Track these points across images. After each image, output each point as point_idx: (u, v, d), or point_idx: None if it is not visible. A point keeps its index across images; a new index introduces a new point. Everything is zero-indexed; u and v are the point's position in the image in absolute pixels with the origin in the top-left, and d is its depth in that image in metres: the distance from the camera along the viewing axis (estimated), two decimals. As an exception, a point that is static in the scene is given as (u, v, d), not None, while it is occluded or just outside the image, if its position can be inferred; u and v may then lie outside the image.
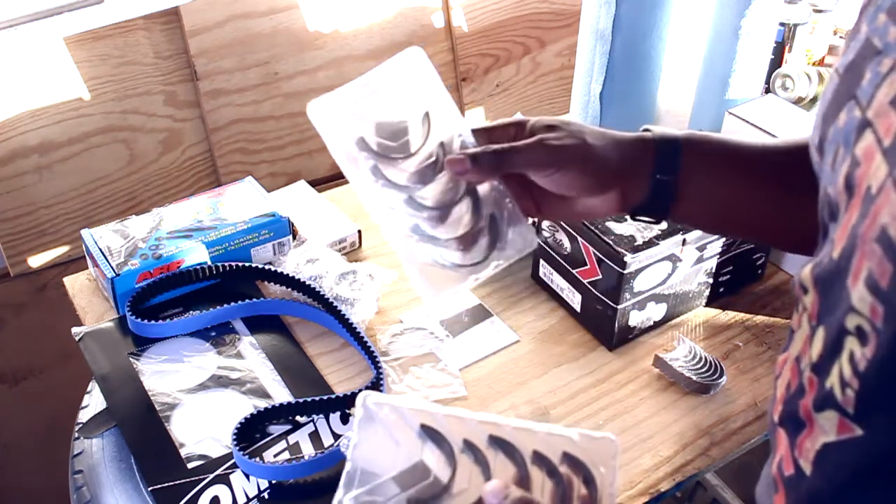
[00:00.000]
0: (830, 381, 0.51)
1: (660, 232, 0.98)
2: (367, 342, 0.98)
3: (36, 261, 1.56)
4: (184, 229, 1.07)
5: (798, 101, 1.26)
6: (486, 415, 0.59)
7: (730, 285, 1.10)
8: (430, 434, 0.58)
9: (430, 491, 0.56)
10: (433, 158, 0.66)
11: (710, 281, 1.07)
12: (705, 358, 0.98)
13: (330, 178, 1.75)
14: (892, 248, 0.44)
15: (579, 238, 1.02)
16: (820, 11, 1.32)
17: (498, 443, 0.58)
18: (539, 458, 0.58)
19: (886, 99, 0.47)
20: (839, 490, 0.52)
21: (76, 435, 0.92)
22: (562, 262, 1.05)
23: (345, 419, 0.92)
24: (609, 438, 0.59)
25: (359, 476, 0.57)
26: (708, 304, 1.09)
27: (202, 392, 0.95)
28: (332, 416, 0.92)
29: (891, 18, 0.49)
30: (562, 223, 1.04)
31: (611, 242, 0.97)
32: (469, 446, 0.58)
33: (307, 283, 1.04)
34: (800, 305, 0.58)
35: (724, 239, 1.03)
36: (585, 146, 0.69)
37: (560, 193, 0.69)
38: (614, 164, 0.70)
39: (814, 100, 1.27)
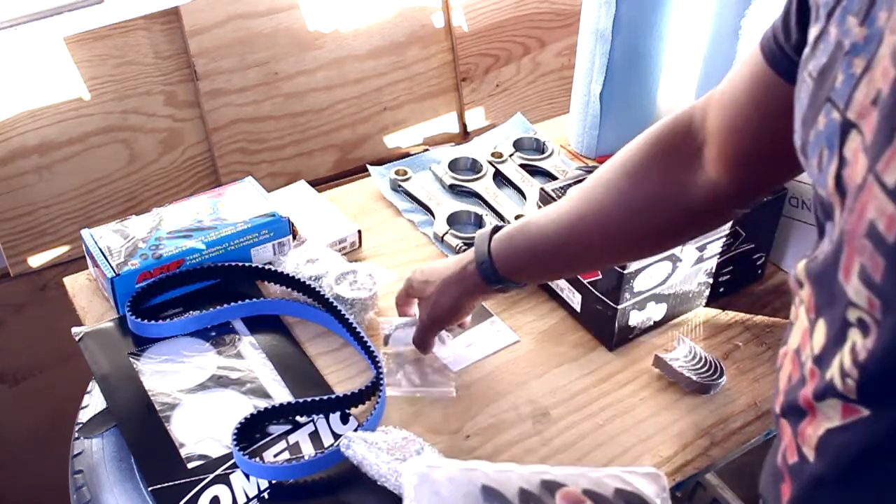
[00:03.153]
0: (831, 373, 0.52)
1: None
2: (367, 342, 0.97)
3: (36, 261, 1.56)
4: (184, 229, 1.07)
5: (798, 101, 1.26)
6: (533, 466, 0.65)
7: (730, 285, 1.10)
8: (489, 492, 0.62)
9: None
10: None
11: (710, 281, 1.07)
12: (705, 358, 0.98)
13: (330, 178, 1.75)
14: (883, 243, 0.46)
15: (579, 238, 1.02)
16: (820, 11, 1.32)
17: (550, 486, 0.63)
18: (592, 495, 0.61)
19: (867, 100, 0.48)
20: (844, 472, 0.53)
21: (76, 435, 0.92)
22: (562, 262, 1.05)
23: (345, 419, 0.92)
24: (655, 473, 0.64)
25: None
26: (708, 304, 1.09)
27: (202, 392, 0.95)
28: (332, 416, 0.92)
29: (858, 19, 0.51)
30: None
31: (611, 242, 0.97)
32: (524, 493, 0.62)
33: (307, 283, 1.04)
34: (797, 299, 0.59)
35: (724, 239, 1.03)
36: (438, 286, 0.94)
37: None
38: (455, 279, 0.93)
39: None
